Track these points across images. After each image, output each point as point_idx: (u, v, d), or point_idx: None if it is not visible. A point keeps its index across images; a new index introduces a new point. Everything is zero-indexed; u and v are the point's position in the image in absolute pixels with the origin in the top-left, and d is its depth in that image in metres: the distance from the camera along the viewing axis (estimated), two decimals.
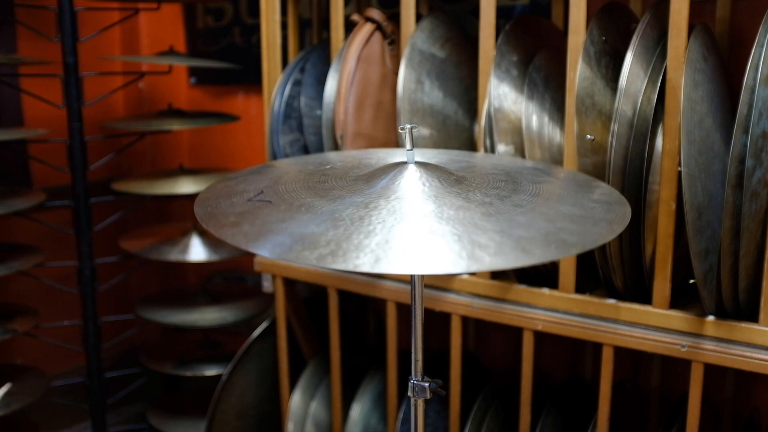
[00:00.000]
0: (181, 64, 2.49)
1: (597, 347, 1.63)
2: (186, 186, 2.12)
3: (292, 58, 1.87)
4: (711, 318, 1.27)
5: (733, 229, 1.17)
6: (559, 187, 0.98)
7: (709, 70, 1.26)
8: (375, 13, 1.62)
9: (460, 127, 1.59)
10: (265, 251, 0.77)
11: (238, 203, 0.91)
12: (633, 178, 1.28)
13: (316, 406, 1.91)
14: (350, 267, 0.73)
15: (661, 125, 1.29)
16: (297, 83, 1.78)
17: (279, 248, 0.77)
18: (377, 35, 1.63)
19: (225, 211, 0.89)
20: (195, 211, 0.92)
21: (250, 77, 2.36)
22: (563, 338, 1.45)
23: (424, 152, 1.19)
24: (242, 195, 0.94)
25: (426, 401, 1.03)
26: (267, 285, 1.88)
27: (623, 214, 0.90)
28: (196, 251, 2.12)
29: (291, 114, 1.78)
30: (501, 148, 1.41)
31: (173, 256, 2.10)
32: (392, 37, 1.64)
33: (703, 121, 1.20)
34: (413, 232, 0.78)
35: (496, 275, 1.51)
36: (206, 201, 0.95)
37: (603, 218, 0.87)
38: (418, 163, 0.94)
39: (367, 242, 0.76)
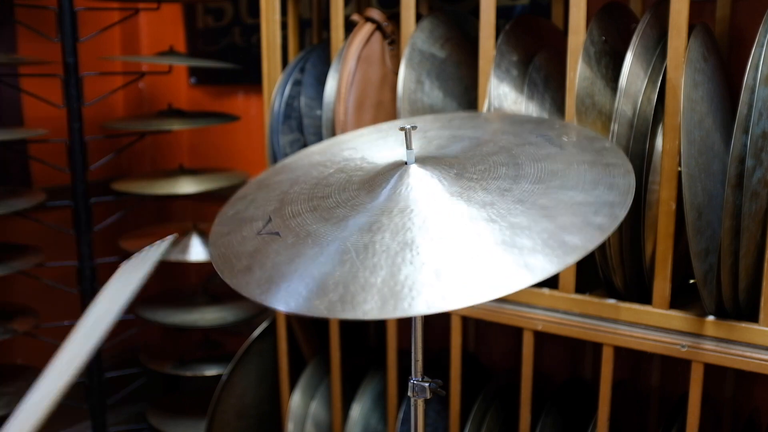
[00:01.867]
0: (181, 64, 2.49)
1: (597, 347, 1.63)
2: (186, 186, 2.12)
3: (292, 58, 1.87)
4: (711, 318, 1.27)
5: (733, 229, 1.17)
6: (561, 162, 0.96)
7: (709, 70, 1.26)
8: (375, 13, 1.62)
9: None
10: (280, 305, 0.80)
11: (249, 238, 0.94)
12: None
13: (316, 406, 1.91)
14: (359, 315, 0.74)
15: (661, 125, 1.29)
16: (297, 83, 1.78)
17: (292, 299, 0.79)
18: (377, 35, 1.63)
19: (237, 251, 0.92)
20: (209, 253, 0.96)
21: (250, 77, 2.36)
22: (563, 338, 1.45)
23: (424, 121, 1.18)
24: (251, 225, 0.97)
25: (426, 401, 1.03)
26: None
27: (627, 188, 0.88)
28: (196, 251, 2.12)
29: (291, 114, 1.78)
30: None
31: (173, 256, 2.10)
32: (392, 37, 1.64)
33: (703, 121, 1.20)
34: (416, 265, 0.79)
35: None
36: (219, 237, 0.97)
37: (605, 201, 0.86)
38: (418, 163, 0.95)
39: (372, 280, 0.77)
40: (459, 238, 0.81)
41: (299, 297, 0.79)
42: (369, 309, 0.75)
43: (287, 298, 0.80)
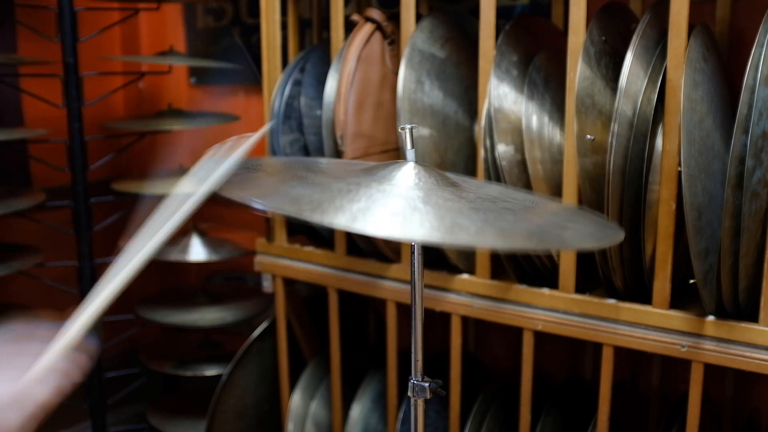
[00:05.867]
0: (181, 64, 2.49)
1: (597, 347, 1.63)
2: (186, 186, 2.11)
3: (292, 58, 1.87)
4: (711, 318, 1.27)
5: (733, 229, 1.17)
6: (557, 208, 1.00)
7: (709, 70, 1.26)
8: (375, 13, 1.62)
9: (460, 127, 1.59)
10: (250, 201, 0.81)
11: (234, 172, 0.94)
12: (633, 178, 1.28)
13: (316, 406, 1.91)
14: (325, 221, 0.76)
15: (661, 125, 1.29)
16: (297, 83, 1.78)
17: (265, 200, 0.82)
18: (377, 35, 1.63)
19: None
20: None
21: (250, 77, 2.36)
22: (563, 338, 1.45)
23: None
24: (240, 166, 0.98)
25: (426, 401, 1.03)
26: (267, 285, 1.88)
27: (614, 236, 0.92)
28: (196, 251, 2.12)
29: (291, 114, 1.78)
30: (501, 148, 1.41)
31: (173, 256, 2.10)
32: (392, 37, 1.64)
33: (703, 121, 1.20)
34: (396, 205, 0.81)
35: (496, 275, 1.51)
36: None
37: (593, 235, 0.89)
38: (419, 164, 0.95)
39: (349, 206, 0.79)
40: (444, 207, 0.83)
41: (271, 199, 0.82)
42: (338, 221, 0.76)
43: (261, 198, 0.82)
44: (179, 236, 2.17)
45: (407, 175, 0.91)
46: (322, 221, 0.76)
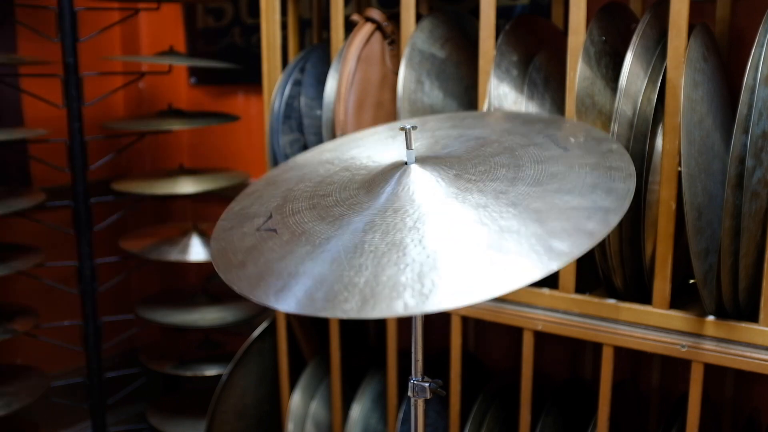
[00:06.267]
0: (181, 64, 2.49)
1: (597, 347, 1.63)
2: (186, 186, 2.11)
3: (292, 58, 1.87)
4: (711, 318, 1.27)
5: (733, 229, 1.17)
6: (563, 164, 0.96)
7: (709, 70, 1.26)
8: (375, 13, 1.62)
9: None
10: (267, 301, 0.82)
11: (248, 234, 0.96)
12: None
13: (316, 406, 1.91)
14: (338, 314, 0.76)
15: (661, 125, 1.29)
16: (297, 83, 1.78)
17: (279, 297, 0.82)
18: (377, 35, 1.63)
19: (235, 246, 0.95)
20: (210, 248, 0.98)
21: (250, 77, 2.36)
22: (563, 338, 1.45)
23: (437, 120, 1.18)
24: (253, 221, 0.99)
25: (426, 401, 1.03)
26: None
27: (625, 193, 0.88)
28: (196, 251, 2.12)
29: (291, 114, 1.78)
30: None
31: (173, 256, 2.10)
32: (392, 37, 1.64)
33: (703, 121, 1.20)
34: (399, 267, 0.80)
35: None
36: (222, 232, 1.00)
37: (600, 207, 0.86)
38: (418, 163, 0.95)
39: (356, 280, 0.79)
40: (446, 242, 0.82)
41: (286, 294, 0.82)
42: (349, 308, 0.76)
43: (275, 295, 0.82)
44: (179, 236, 2.18)
45: (409, 195, 0.90)
46: (335, 315, 0.76)
